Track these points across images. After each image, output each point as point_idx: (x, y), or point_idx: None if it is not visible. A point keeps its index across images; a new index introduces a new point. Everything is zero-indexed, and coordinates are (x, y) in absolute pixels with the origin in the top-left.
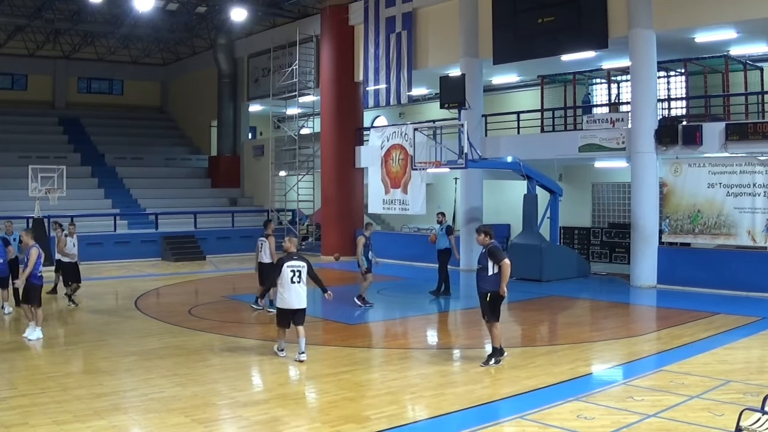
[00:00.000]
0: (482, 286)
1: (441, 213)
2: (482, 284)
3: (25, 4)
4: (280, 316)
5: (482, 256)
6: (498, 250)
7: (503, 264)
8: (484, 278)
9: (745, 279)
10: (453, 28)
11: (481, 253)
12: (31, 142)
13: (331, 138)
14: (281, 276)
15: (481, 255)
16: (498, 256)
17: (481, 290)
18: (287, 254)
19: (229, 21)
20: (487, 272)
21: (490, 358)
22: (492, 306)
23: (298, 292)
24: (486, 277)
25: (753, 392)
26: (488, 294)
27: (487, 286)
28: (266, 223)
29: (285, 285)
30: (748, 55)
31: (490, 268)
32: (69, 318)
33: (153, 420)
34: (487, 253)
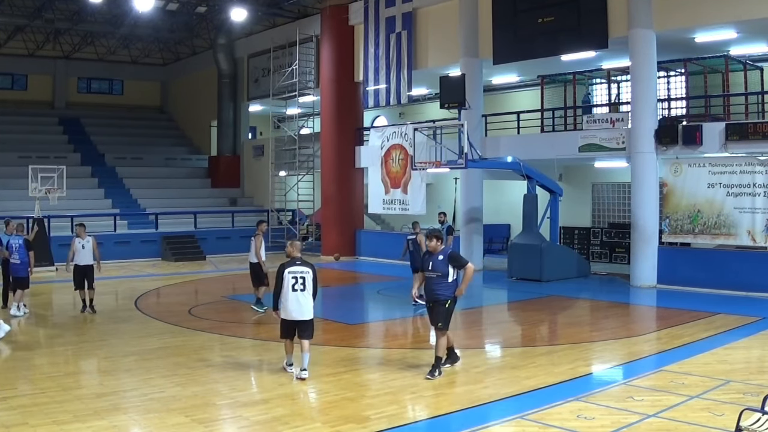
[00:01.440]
0: (442, 293)
1: (443, 213)
2: (441, 291)
3: (25, 4)
4: (282, 328)
5: (440, 263)
6: (459, 254)
7: (468, 268)
8: (444, 285)
9: (745, 279)
10: (453, 28)
11: (435, 260)
12: (31, 142)
13: (331, 138)
14: (283, 283)
15: (437, 261)
16: (462, 261)
17: (440, 297)
18: (290, 259)
19: (229, 21)
20: (446, 279)
21: (435, 369)
22: (449, 313)
23: (299, 301)
24: (446, 284)
25: (753, 392)
26: (448, 301)
27: (448, 292)
28: (259, 222)
29: (286, 293)
30: (748, 55)
31: (450, 274)
32: (69, 318)
33: (153, 420)
34: (448, 259)
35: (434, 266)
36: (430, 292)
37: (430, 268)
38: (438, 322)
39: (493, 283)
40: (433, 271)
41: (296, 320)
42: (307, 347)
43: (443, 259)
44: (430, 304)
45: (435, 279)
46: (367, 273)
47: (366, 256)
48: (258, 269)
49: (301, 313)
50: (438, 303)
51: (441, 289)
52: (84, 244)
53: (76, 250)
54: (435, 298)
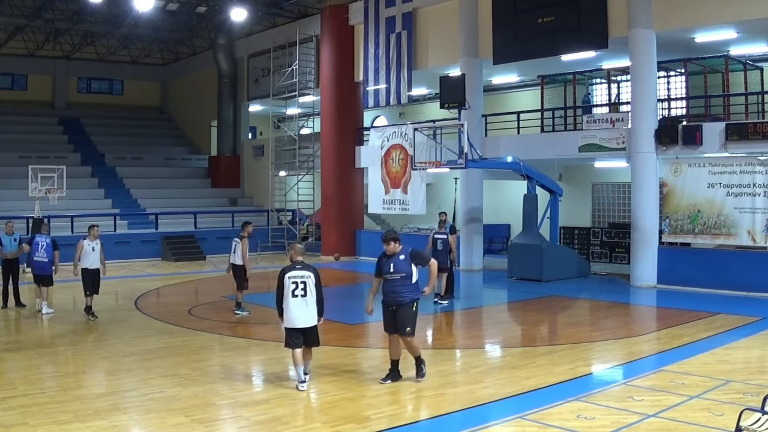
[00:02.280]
0: (408, 296)
1: (444, 212)
2: (407, 293)
3: (25, 4)
4: (287, 337)
5: (402, 263)
6: (420, 252)
7: (432, 264)
8: (409, 286)
9: (745, 279)
10: (453, 28)
11: (396, 261)
12: (31, 142)
13: (331, 138)
14: (283, 289)
15: (399, 262)
16: (425, 257)
17: (406, 300)
18: (290, 263)
19: (229, 21)
20: (410, 280)
21: (421, 367)
22: (415, 316)
23: (301, 308)
24: (411, 285)
25: (753, 392)
26: (414, 303)
27: (414, 294)
28: (244, 224)
29: (287, 299)
30: (748, 55)
31: (414, 274)
32: (69, 318)
33: (153, 420)
34: (410, 259)
35: (396, 268)
36: (394, 296)
37: (391, 270)
38: (407, 327)
39: (493, 283)
40: (396, 273)
41: (299, 328)
42: (309, 354)
43: (405, 259)
44: (392, 307)
45: (399, 281)
46: (367, 273)
47: (366, 256)
48: (240, 272)
49: (304, 320)
50: (403, 306)
51: (407, 291)
52: (94, 246)
53: (84, 252)
54: (399, 302)
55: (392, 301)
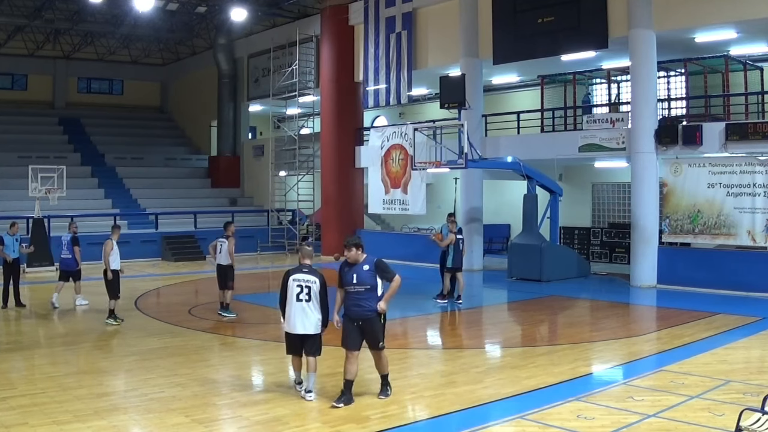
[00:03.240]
0: (371, 307)
1: (452, 214)
2: (370, 305)
3: (25, 4)
4: (287, 342)
5: (366, 274)
6: (385, 263)
7: (396, 280)
8: (375, 299)
9: (745, 279)
10: (453, 28)
11: (360, 271)
12: (31, 142)
13: (331, 138)
14: (286, 291)
15: (363, 273)
16: (391, 272)
17: (372, 313)
18: (298, 265)
19: (229, 21)
20: (376, 291)
21: (386, 387)
22: (384, 328)
23: (301, 314)
24: (377, 298)
25: (753, 392)
26: (382, 315)
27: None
28: (227, 224)
29: (290, 302)
30: (748, 55)
31: (380, 286)
32: (69, 318)
33: (153, 420)
34: (375, 270)
35: (360, 279)
36: (358, 309)
37: (354, 281)
38: (379, 341)
39: (493, 283)
40: (359, 284)
41: (299, 334)
42: (313, 366)
43: (370, 270)
44: (357, 322)
45: (363, 293)
46: None
47: None
48: (229, 272)
49: (305, 326)
50: (370, 320)
51: (373, 303)
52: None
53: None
54: (366, 316)
55: (357, 315)
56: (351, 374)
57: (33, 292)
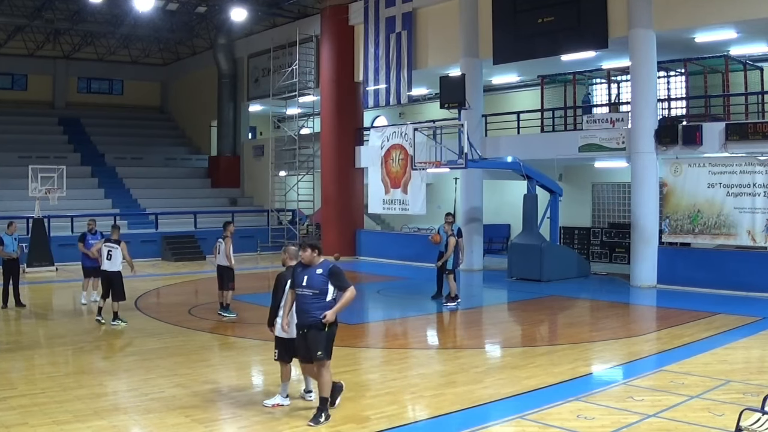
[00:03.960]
0: (318, 314)
1: (451, 213)
2: (317, 312)
3: (25, 4)
4: (280, 348)
5: (317, 278)
6: (342, 273)
7: (349, 291)
8: (322, 305)
9: (745, 279)
10: (453, 28)
11: (312, 274)
12: (31, 142)
13: (331, 138)
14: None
15: (314, 276)
16: (345, 282)
17: (316, 320)
18: (287, 268)
19: (229, 21)
20: (324, 297)
21: (320, 413)
22: (329, 338)
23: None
24: (324, 304)
25: (753, 392)
26: (327, 324)
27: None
28: (226, 224)
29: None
30: (748, 55)
31: (330, 292)
32: (69, 318)
33: (153, 420)
34: (328, 275)
35: (310, 282)
36: (304, 315)
37: (304, 283)
38: (317, 351)
39: (493, 283)
40: (308, 288)
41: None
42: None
43: (322, 275)
44: (303, 330)
45: (310, 297)
46: (367, 273)
47: (366, 256)
48: (228, 272)
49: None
50: (314, 327)
51: (318, 309)
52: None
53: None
54: (310, 322)
55: (303, 322)
56: (321, 389)
57: (33, 292)
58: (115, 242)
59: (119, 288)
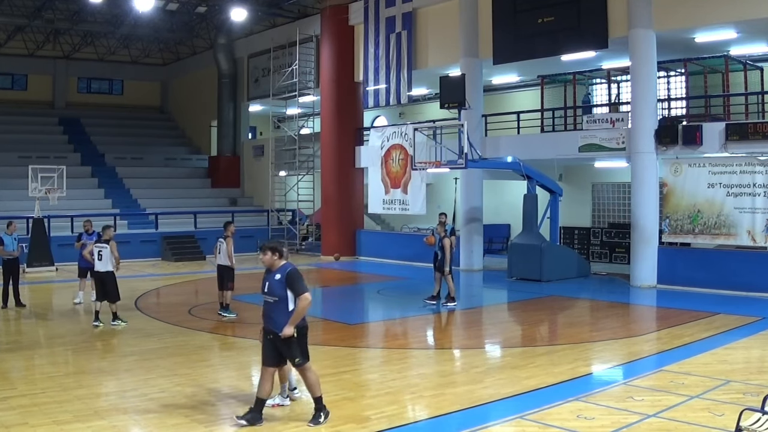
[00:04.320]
0: (279, 322)
1: (444, 213)
2: (283, 320)
3: (25, 4)
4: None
5: (276, 284)
6: (300, 277)
7: (303, 298)
8: (285, 312)
9: (745, 279)
10: (453, 28)
11: (272, 280)
12: (31, 142)
13: (331, 138)
14: None
15: (274, 282)
16: (299, 287)
17: (277, 329)
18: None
19: (229, 21)
20: (286, 305)
21: (318, 413)
22: (301, 342)
23: None
24: (288, 312)
25: (753, 392)
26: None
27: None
28: (226, 224)
29: None
30: (748, 55)
31: (291, 299)
32: (69, 318)
33: (153, 420)
34: (285, 280)
35: (270, 288)
36: (269, 321)
37: (265, 289)
38: (294, 358)
39: (493, 283)
40: (269, 294)
41: None
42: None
43: (281, 280)
44: (270, 335)
45: (272, 304)
46: (367, 273)
47: (366, 256)
48: (228, 272)
49: None
50: (279, 335)
51: (283, 318)
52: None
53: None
54: (275, 331)
55: (269, 329)
56: (262, 392)
57: (33, 292)
58: (105, 242)
59: (112, 288)
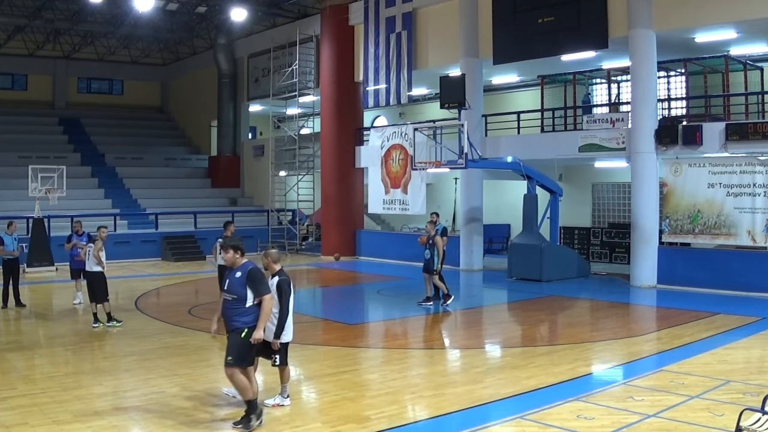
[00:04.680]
0: (238, 320)
1: (435, 213)
2: (237, 318)
3: (25, 4)
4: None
5: (236, 282)
6: (261, 276)
7: (266, 300)
8: (241, 310)
9: (745, 279)
10: (453, 28)
11: (232, 277)
12: (31, 142)
13: (331, 138)
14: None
15: (234, 280)
16: (261, 288)
17: (236, 326)
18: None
19: (229, 21)
20: (244, 304)
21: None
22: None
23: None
24: (244, 310)
25: (753, 392)
26: (244, 330)
27: (246, 319)
28: (226, 224)
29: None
30: (748, 55)
31: (249, 298)
32: (69, 318)
33: (153, 420)
34: (246, 279)
35: (230, 286)
36: (227, 320)
37: (226, 287)
38: (228, 356)
39: (493, 283)
40: (228, 292)
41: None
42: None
43: (241, 278)
44: (228, 334)
45: (231, 302)
46: (367, 273)
47: (366, 256)
48: None
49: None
50: (232, 332)
51: (237, 316)
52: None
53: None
54: (233, 328)
55: (227, 326)
56: (240, 393)
57: (33, 292)
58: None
59: (99, 289)
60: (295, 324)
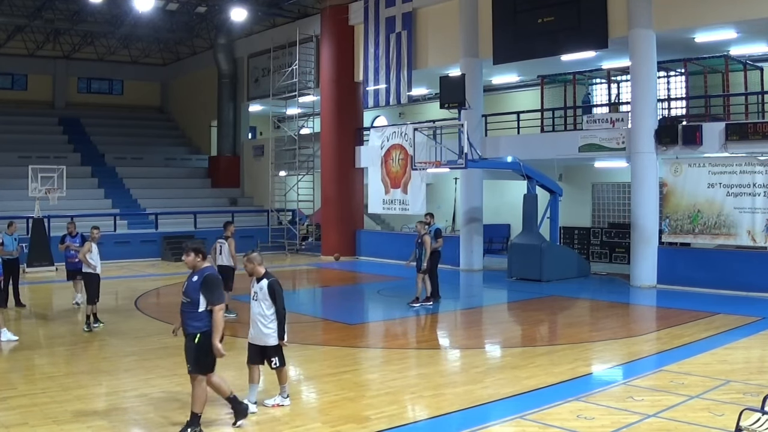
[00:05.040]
0: (189, 324)
1: (429, 214)
2: (189, 322)
3: (25, 4)
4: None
5: (192, 285)
6: (216, 282)
7: (216, 310)
8: (193, 315)
9: (745, 279)
10: (453, 28)
11: (189, 281)
12: (31, 142)
13: (331, 138)
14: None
15: (190, 284)
16: (214, 296)
17: (188, 330)
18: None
19: (229, 21)
20: (197, 308)
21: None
22: (200, 351)
23: None
24: (195, 314)
25: (753, 392)
26: (197, 335)
27: (198, 323)
28: (226, 224)
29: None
30: (748, 55)
31: (201, 303)
32: (69, 318)
33: (153, 420)
34: (200, 284)
35: (186, 289)
36: (182, 322)
37: (183, 289)
38: (188, 364)
39: (493, 283)
40: (184, 295)
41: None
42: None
43: (196, 282)
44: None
45: (185, 305)
46: (367, 273)
47: (366, 256)
48: (229, 273)
49: None
50: (186, 337)
51: (189, 320)
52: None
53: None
54: (185, 330)
55: (185, 331)
56: (222, 393)
57: (33, 292)
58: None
59: (91, 289)
60: (296, 324)
